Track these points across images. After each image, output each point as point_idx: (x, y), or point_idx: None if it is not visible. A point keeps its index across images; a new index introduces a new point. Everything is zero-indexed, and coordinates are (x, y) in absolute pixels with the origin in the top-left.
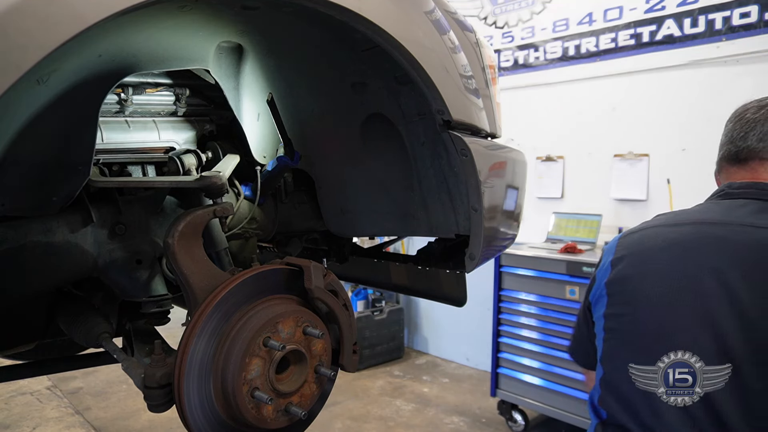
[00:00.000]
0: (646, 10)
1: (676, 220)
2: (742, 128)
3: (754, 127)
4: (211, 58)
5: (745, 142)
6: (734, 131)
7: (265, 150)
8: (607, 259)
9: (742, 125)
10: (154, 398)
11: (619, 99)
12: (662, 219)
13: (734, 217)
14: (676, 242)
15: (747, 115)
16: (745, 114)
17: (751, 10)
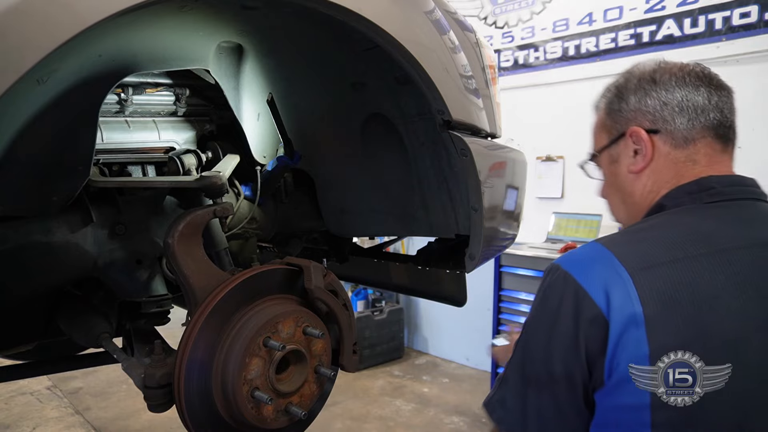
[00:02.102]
0: (646, 10)
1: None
2: (729, 98)
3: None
4: (211, 58)
5: (732, 116)
6: (720, 96)
7: (265, 150)
8: (624, 312)
9: (728, 94)
10: (154, 398)
11: None
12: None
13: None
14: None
15: (712, 84)
16: (704, 80)
17: (751, 10)
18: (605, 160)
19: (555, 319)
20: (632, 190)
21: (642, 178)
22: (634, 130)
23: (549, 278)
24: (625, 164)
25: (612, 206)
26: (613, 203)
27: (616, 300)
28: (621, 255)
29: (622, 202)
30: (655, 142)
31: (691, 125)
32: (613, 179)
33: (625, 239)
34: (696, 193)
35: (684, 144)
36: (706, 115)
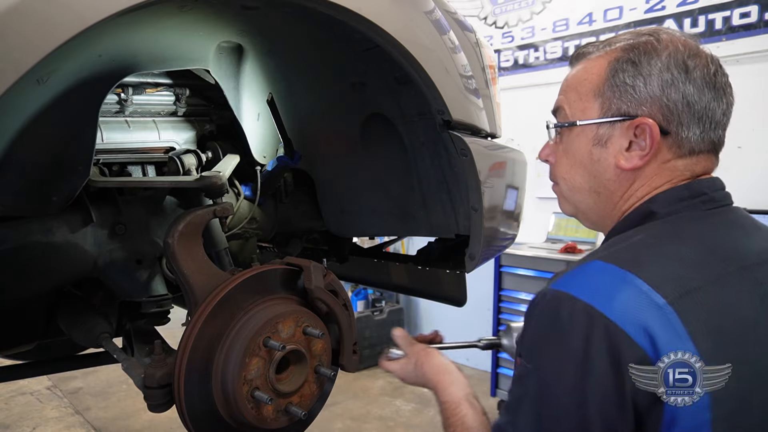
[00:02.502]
0: (646, 10)
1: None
2: (729, 108)
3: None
4: (211, 58)
5: (724, 134)
6: (729, 110)
7: (265, 150)
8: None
9: (728, 104)
10: (154, 398)
11: None
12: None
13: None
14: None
15: (729, 92)
16: (726, 89)
17: (751, 10)
18: (584, 136)
19: (584, 365)
20: (614, 187)
21: (629, 176)
22: (647, 122)
23: (563, 312)
24: (614, 154)
25: (570, 189)
26: (575, 187)
27: (661, 338)
28: (650, 279)
29: (592, 191)
30: (660, 145)
31: (701, 138)
32: (587, 161)
33: (639, 257)
34: (688, 200)
35: (688, 155)
36: (716, 131)
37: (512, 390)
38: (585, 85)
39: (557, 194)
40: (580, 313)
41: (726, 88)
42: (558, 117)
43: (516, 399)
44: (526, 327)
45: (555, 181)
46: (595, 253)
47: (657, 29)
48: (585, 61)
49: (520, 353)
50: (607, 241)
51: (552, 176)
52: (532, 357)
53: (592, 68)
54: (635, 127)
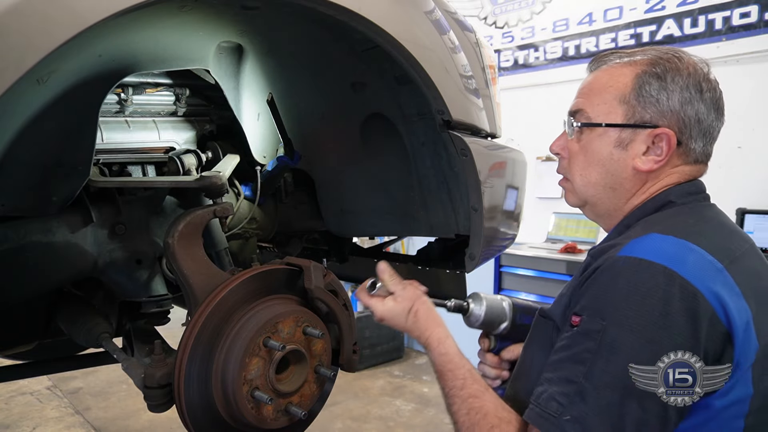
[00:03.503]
0: (646, 10)
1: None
2: (722, 126)
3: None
4: (211, 58)
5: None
6: (719, 126)
7: (265, 150)
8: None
9: (722, 124)
10: (154, 398)
11: None
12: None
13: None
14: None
15: (724, 113)
16: (723, 110)
17: (751, 10)
18: (606, 137)
19: (664, 318)
20: (629, 185)
21: (642, 176)
22: (667, 132)
23: (641, 274)
24: (632, 156)
25: (585, 184)
26: (590, 183)
27: (724, 296)
28: (707, 247)
29: (607, 187)
30: (673, 153)
31: (703, 150)
32: (606, 160)
33: (688, 231)
34: (695, 195)
35: (693, 163)
36: (712, 145)
37: (572, 345)
38: (610, 91)
39: (565, 188)
40: (659, 274)
41: (723, 109)
42: (577, 118)
43: (583, 351)
44: (593, 289)
45: (565, 175)
46: (639, 231)
47: (677, 50)
48: (607, 68)
49: (580, 312)
50: (628, 226)
51: (561, 170)
52: (607, 314)
53: (617, 76)
54: (655, 135)
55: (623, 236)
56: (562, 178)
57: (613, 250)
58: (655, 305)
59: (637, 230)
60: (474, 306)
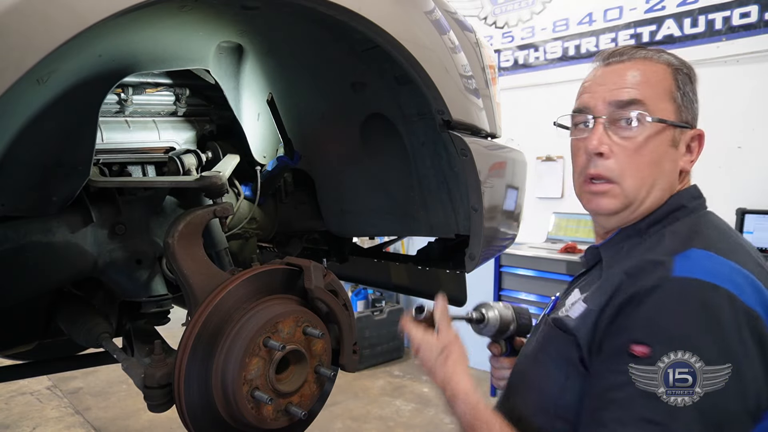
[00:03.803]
0: (646, 10)
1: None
2: None
3: None
4: (211, 58)
5: None
6: None
7: (265, 150)
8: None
9: None
10: (154, 398)
11: None
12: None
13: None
14: None
15: None
16: None
17: (751, 10)
18: (664, 135)
19: (743, 346)
20: (673, 185)
21: (682, 177)
22: (703, 135)
23: (710, 299)
24: (680, 156)
25: (638, 186)
26: (645, 184)
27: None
28: (747, 267)
29: (657, 188)
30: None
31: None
32: (663, 160)
33: (725, 248)
34: (698, 198)
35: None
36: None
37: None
38: (660, 86)
39: (607, 192)
40: (725, 298)
41: None
42: (632, 109)
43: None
44: (653, 313)
45: (609, 177)
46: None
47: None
48: (643, 61)
49: (644, 340)
50: (640, 231)
51: (604, 171)
52: (684, 344)
53: (657, 71)
54: (697, 136)
55: (647, 248)
56: (602, 182)
57: (660, 270)
58: (732, 334)
59: (669, 243)
60: (491, 314)
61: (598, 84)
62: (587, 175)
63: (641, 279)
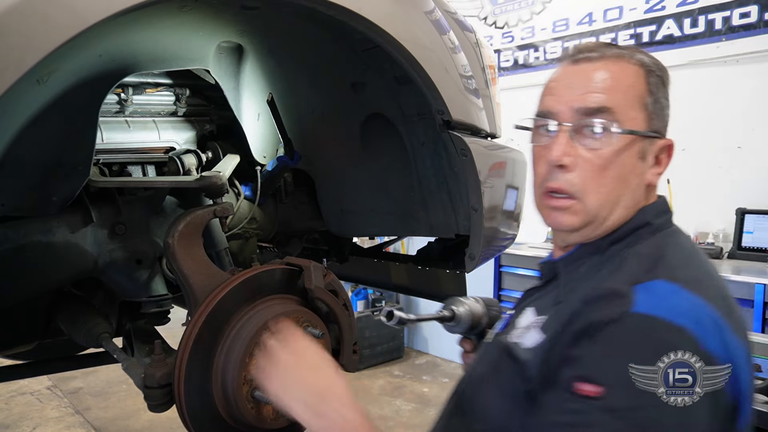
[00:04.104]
0: (646, 10)
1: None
2: None
3: None
4: (211, 58)
5: None
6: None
7: (265, 150)
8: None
9: None
10: (154, 398)
11: None
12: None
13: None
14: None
15: None
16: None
17: (751, 10)
18: (633, 146)
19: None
20: (638, 200)
21: (648, 191)
22: (672, 145)
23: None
24: (647, 169)
25: (602, 203)
26: (610, 201)
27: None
28: (710, 298)
29: (622, 205)
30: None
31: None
32: (630, 174)
33: (689, 278)
34: (665, 214)
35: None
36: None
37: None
38: (631, 92)
39: (568, 209)
40: (687, 344)
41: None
42: (599, 117)
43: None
44: (606, 350)
45: (571, 193)
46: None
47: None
48: (614, 61)
49: (595, 380)
50: (599, 249)
51: (565, 185)
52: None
53: (629, 74)
54: (667, 146)
55: (608, 271)
56: (563, 197)
57: (619, 302)
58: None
59: (631, 267)
60: (461, 310)
61: (564, 86)
62: (547, 188)
63: (599, 309)
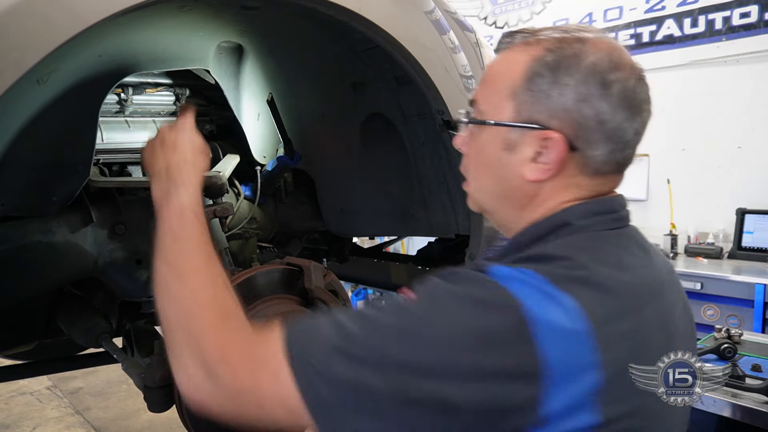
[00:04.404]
0: (646, 10)
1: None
2: (643, 126)
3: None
4: (211, 58)
5: (633, 154)
6: (643, 129)
7: (265, 150)
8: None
9: (642, 123)
10: (154, 398)
11: None
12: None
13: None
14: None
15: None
16: (643, 105)
17: (751, 10)
18: (495, 137)
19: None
20: (520, 195)
21: (533, 187)
22: (557, 138)
23: (489, 292)
24: (520, 162)
25: (477, 189)
26: (482, 188)
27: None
28: (582, 301)
29: (500, 195)
30: (566, 161)
31: (608, 159)
32: (495, 165)
33: (571, 277)
34: (601, 215)
35: (592, 175)
36: (624, 151)
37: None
38: (502, 82)
39: (466, 190)
40: (507, 308)
41: (643, 104)
42: (474, 108)
43: (385, 325)
44: (440, 276)
45: (465, 177)
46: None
47: (585, 29)
48: (508, 51)
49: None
50: (521, 245)
51: (463, 170)
52: (429, 300)
53: (513, 62)
54: (543, 139)
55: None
56: (464, 180)
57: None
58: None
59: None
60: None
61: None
62: None
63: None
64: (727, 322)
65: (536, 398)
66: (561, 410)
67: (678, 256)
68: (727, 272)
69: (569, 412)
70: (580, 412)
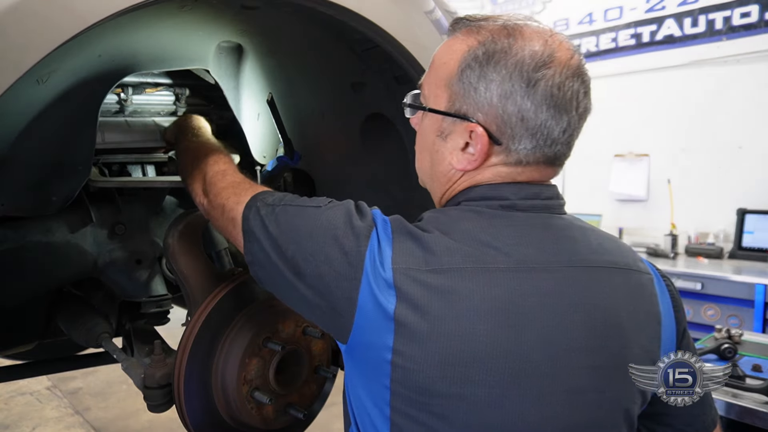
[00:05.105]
0: (647, 10)
1: (485, 259)
2: (582, 124)
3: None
4: (211, 58)
5: (568, 149)
6: (578, 126)
7: (265, 150)
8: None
9: (585, 119)
10: (154, 398)
11: (619, 98)
12: (462, 251)
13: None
14: (499, 308)
15: (575, 107)
16: (572, 103)
17: (751, 10)
18: (432, 123)
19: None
20: (445, 180)
21: (458, 174)
22: (480, 132)
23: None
24: (450, 150)
25: (418, 166)
26: (420, 168)
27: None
28: (396, 254)
29: (433, 177)
30: (489, 153)
31: (533, 152)
32: (431, 148)
33: (411, 232)
34: (497, 200)
35: (514, 164)
36: (553, 147)
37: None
38: (442, 70)
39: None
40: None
41: (571, 102)
42: (420, 93)
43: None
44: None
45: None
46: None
47: (528, 21)
48: (452, 38)
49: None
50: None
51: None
52: (329, 207)
53: (452, 51)
54: (470, 131)
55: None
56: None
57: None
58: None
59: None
60: None
61: None
62: None
63: None
64: (728, 322)
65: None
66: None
67: (678, 256)
68: (727, 272)
69: (375, 298)
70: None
